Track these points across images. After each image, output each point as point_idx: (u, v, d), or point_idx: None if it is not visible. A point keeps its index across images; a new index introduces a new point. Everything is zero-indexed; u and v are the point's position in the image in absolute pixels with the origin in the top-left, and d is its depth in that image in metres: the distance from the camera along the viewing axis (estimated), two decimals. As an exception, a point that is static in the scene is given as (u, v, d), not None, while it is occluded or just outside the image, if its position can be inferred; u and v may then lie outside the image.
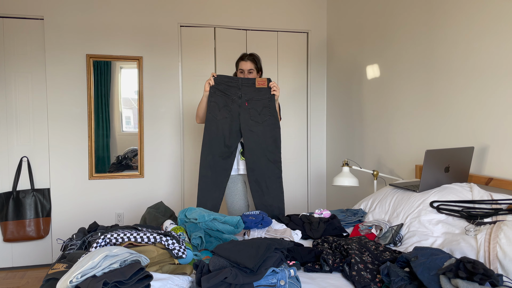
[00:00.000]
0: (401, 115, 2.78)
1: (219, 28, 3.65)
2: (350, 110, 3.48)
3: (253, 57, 2.57)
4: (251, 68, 2.54)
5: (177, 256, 1.45)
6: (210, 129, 2.41)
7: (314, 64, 3.90)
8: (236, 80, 2.41)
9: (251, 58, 2.56)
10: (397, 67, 2.81)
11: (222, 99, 2.41)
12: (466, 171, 2.10)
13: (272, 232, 1.90)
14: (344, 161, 2.71)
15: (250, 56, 2.56)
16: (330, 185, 3.90)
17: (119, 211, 3.50)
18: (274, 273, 1.28)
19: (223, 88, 2.40)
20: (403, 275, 1.27)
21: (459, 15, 2.24)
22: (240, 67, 2.57)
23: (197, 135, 3.67)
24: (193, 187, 3.69)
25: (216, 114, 2.40)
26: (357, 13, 3.32)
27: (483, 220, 1.63)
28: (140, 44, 3.47)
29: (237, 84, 2.41)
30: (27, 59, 3.28)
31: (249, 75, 2.55)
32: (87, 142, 3.39)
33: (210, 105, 2.40)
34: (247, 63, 2.54)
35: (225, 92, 2.40)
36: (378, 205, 2.16)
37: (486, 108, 2.07)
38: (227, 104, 2.41)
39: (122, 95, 3.47)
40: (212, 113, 2.40)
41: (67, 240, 1.77)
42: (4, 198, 3.22)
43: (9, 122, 3.27)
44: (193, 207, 1.96)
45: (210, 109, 2.40)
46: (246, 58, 2.56)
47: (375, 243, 1.67)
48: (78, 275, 1.13)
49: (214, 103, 2.41)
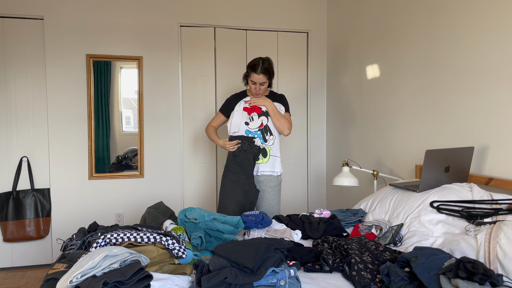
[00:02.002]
0: (401, 115, 2.78)
1: (219, 28, 3.65)
2: (350, 110, 3.48)
3: (265, 68, 2.48)
4: (263, 81, 2.51)
5: (177, 256, 1.45)
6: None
7: (314, 64, 3.90)
8: (244, 144, 2.48)
9: (264, 69, 2.48)
10: (397, 67, 2.81)
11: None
12: (466, 171, 2.10)
13: (272, 232, 1.90)
14: (344, 161, 2.71)
15: (262, 67, 2.47)
16: (330, 185, 3.90)
17: (119, 211, 3.50)
18: (274, 273, 1.28)
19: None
20: (403, 275, 1.27)
21: (459, 15, 2.24)
22: (252, 79, 2.51)
23: (197, 135, 3.67)
24: (193, 187, 3.69)
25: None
26: (357, 13, 3.32)
27: (483, 220, 1.63)
28: (140, 44, 3.47)
29: (245, 146, 2.48)
30: (27, 59, 3.28)
31: (261, 87, 2.52)
32: (87, 142, 3.39)
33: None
34: (260, 76, 2.48)
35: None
36: (378, 205, 2.16)
37: (486, 108, 2.07)
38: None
39: (122, 95, 3.47)
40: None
41: (67, 240, 1.77)
42: (4, 198, 3.22)
43: (9, 122, 3.27)
44: (193, 207, 1.96)
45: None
46: (259, 70, 2.47)
47: (375, 243, 1.67)
48: (78, 275, 1.13)
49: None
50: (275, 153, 2.59)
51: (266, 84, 2.55)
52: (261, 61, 2.49)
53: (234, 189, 2.47)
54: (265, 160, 2.55)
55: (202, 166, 3.70)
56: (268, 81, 2.55)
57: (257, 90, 2.54)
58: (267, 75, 2.51)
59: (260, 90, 2.54)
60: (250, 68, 2.51)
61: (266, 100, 2.53)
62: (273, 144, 2.57)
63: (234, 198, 2.46)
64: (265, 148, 2.55)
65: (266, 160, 2.55)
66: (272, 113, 2.52)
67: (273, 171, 2.57)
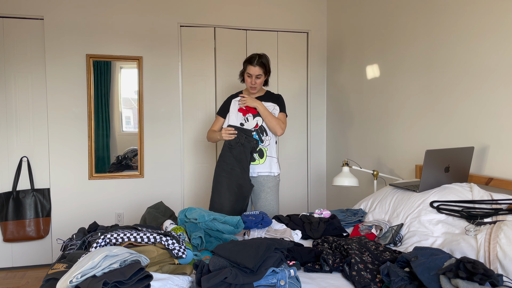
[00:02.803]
0: (401, 115, 2.78)
1: (219, 28, 3.65)
2: (350, 110, 3.48)
3: (261, 61, 2.50)
4: (259, 73, 2.50)
5: (177, 256, 1.45)
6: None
7: (314, 64, 3.90)
8: (242, 137, 2.45)
9: (260, 62, 2.49)
10: (397, 67, 2.81)
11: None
12: (466, 171, 2.10)
13: (272, 232, 1.90)
14: (344, 161, 2.71)
15: (259, 60, 2.49)
16: (330, 185, 3.90)
17: (119, 211, 3.50)
18: (274, 273, 1.28)
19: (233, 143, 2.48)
20: (403, 275, 1.27)
21: (459, 15, 2.24)
22: (248, 71, 2.52)
23: (197, 135, 3.67)
24: (193, 187, 3.69)
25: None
26: (357, 13, 3.32)
27: (483, 220, 1.63)
28: (140, 44, 3.47)
29: (242, 139, 2.45)
30: (27, 59, 3.28)
31: (256, 80, 2.52)
32: (87, 142, 3.39)
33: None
34: (256, 68, 2.49)
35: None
36: (378, 205, 2.16)
37: (486, 108, 2.07)
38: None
39: (122, 95, 3.47)
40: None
41: (67, 240, 1.77)
42: (4, 198, 3.22)
43: (9, 122, 3.27)
44: (193, 207, 1.96)
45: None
46: (255, 62, 2.49)
47: (375, 243, 1.67)
48: (78, 275, 1.13)
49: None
50: (271, 154, 2.57)
51: (262, 78, 2.54)
52: (258, 55, 2.52)
53: (227, 180, 2.43)
54: (261, 161, 2.54)
55: (202, 166, 3.70)
56: (264, 76, 2.54)
57: (253, 84, 2.52)
58: (263, 69, 2.51)
59: (256, 84, 2.53)
60: (247, 62, 2.53)
61: (256, 101, 2.50)
62: (269, 145, 2.56)
63: (229, 190, 2.43)
64: (262, 149, 2.55)
65: (262, 161, 2.54)
66: (263, 114, 2.49)
67: (270, 171, 2.56)
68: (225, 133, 2.44)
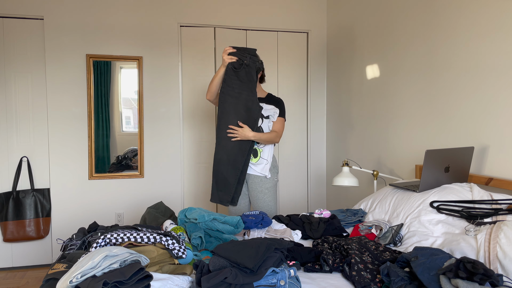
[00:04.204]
0: (401, 115, 2.78)
1: (219, 28, 3.65)
2: (350, 110, 3.48)
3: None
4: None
5: (177, 256, 1.45)
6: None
7: (314, 64, 3.90)
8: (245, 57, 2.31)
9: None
10: (397, 67, 2.81)
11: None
12: (466, 171, 2.10)
13: (272, 232, 1.90)
14: (344, 161, 2.71)
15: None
16: (330, 185, 3.90)
17: (119, 211, 3.50)
18: (274, 273, 1.28)
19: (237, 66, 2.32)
20: (403, 275, 1.27)
21: (459, 15, 2.24)
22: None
23: (197, 135, 3.67)
24: (193, 187, 3.69)
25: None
26: (357, 13, 3.32)
27: (483, 220, 1.63)
28: (140, 44, 3.47)
29: (246, 59, 2.30)
30: (27, 59, 3.28)
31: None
32: (87, 142, 3.39)
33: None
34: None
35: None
36: (378, 205, 2.16)
37: (486, 108, 2.07)
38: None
39: (122, 95, 3.47)
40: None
41: (67, 240, 1.77)
42: (4, 198, 3.22)
43: (9, 122, 3.27)
44: (193, 207, 1.96)
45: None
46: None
47: (375, 243, 1.67)
48: (78, 275, 1.13)
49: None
50: (264, 156, 2.53)
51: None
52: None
53: (236, 106, 2.33)
54: (254, 160, 2.52)
55: (202, 166, 3.70)
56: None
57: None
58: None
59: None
60: None
61: (248, 134, 2.38)
62: (264, 146, 2.54)
63: (237, 115, 2.33)
64: (257, 149, 2.53)
65: (256, 160, 2.52)
66: (258, 140, 2.43)
67: (261, 173, 2.52)
68: (227, 55, 2.30)
